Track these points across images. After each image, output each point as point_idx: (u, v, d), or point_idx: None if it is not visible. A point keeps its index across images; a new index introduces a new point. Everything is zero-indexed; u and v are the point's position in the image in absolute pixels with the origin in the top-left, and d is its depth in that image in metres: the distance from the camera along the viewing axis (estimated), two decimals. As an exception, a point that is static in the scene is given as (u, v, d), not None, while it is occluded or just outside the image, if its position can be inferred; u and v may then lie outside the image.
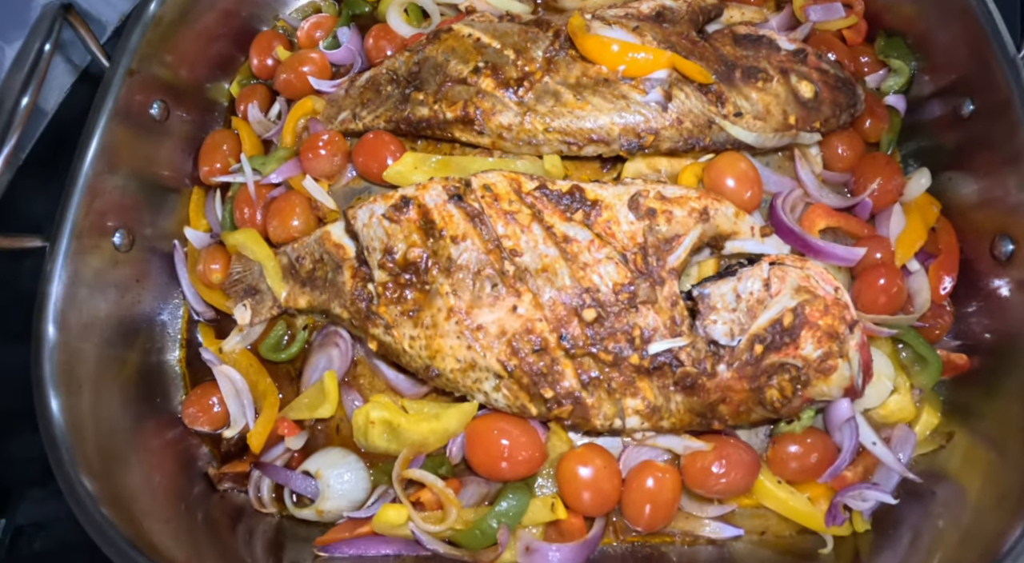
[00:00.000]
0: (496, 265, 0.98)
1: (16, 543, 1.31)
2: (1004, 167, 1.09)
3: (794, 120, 1.12)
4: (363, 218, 1.04)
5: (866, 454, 1.07)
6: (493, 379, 0.99)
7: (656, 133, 1.09)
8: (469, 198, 1.01)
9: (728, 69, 1.11)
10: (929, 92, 1.27)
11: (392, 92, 1.20)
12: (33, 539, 1.32)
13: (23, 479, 1.34)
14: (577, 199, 1.02)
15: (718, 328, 0.97)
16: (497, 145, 1.14)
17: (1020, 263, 1.06)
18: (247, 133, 1.28)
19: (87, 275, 1.07)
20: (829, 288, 0.99)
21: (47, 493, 1.35)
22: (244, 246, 1.15)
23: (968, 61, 1.17)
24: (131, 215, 1.17)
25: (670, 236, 1.00)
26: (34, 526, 1.32)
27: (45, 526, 1.32)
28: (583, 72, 1.11)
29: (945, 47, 1.22)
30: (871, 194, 1.14)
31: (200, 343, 1.20)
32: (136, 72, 1.17)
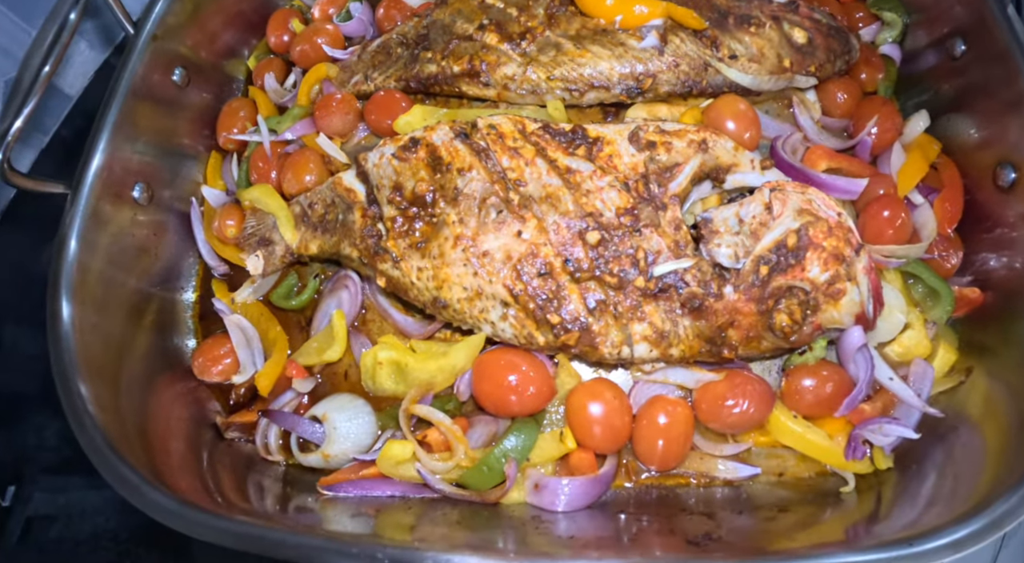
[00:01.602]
0: (501, 193, 1.00)
1: (29, 531, 1.30)
2: (1002, 106, 1.10)
3: (789, 63, 1.15)
4: (373, 159, 1.07)
5: (884, 391, 1.04)
6: (500, 307, 0.99)
7: (654, 77, 1.12)
8: (475, 136, 1.04)
9: (721, 16, 1.16)
10: (923, 43, 1.30)
11: (402, 54, 1.26)
12: (48, 528, 1.31)
13: (38, 467, 1.34)
14: (579, 136, 1.04)
15: (722, 251, 0.97)
16: (502, 97, 1.19)
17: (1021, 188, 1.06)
18: (263, 100, 1.33)
19: (106, 224, 1.11)
20: (832, 212, 0.99)
21: (60, 483, 1.35)
22: (258, 200, 1.18)
23: (959, 9, 1.20)
24: (151, 172, 1.21)
25: (670, 164, 1.01)
26: (48, 516, 1.31)
27: (58, 516, 1.31)
28: (582, 24, 1.16)
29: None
30: (870, 133, 1.16)
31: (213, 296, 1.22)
32: (160, 38, 1.24)
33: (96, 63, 1.64)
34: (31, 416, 1.39)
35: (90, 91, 1.64)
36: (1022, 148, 1.06)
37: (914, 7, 1.31)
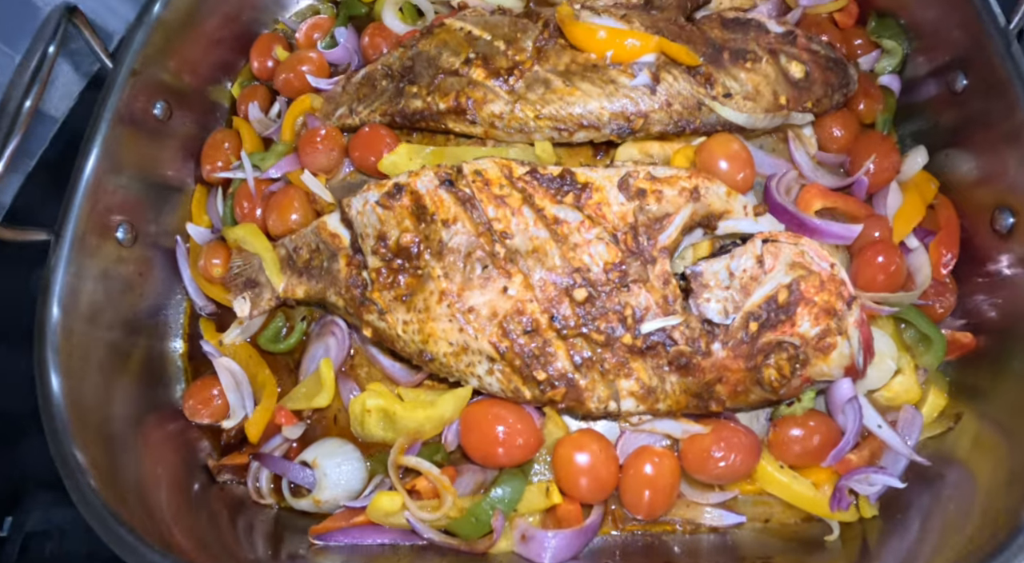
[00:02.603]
0: (487, 247, 0.98)
1: (27, 549, 1.32)
2: (1002, 143, 1.08)
3: (785, 100, 1.11)
4: (357, 206, 1.06)
5: (872, 438, 1.04)
6: (486, 362, 0.98)
7: (646, 116, 1.09)
8: (460, 183, 1.02)
9: (716, 51, 1.12)
10: (923, 72, 1.26)
11: (387, 87, 1.23)
12: (43, 545, 1.33)
13: (33, 484, 1.36)
14: (568, 182, 1.02)
15: (711, 306, 0.96)
16: (490, 134, 1.16)
17: (1022, 236, 1.04)
18: (247, 132, 1.31)
19: (91, 268, 1.10)
20: (824, 264, 0.98)
21: (57, 498, 1.37)
22: (244, 240, 1.17)
23: (960, 38, 1.16)
24: (134, 211, 1.19)
25: (660, 215, 0.99)
26: (43, 533, 1.33)
27: (55, 532, 1.33)
28: (572, 59, 1.12)
29: (937, 25, 1.21)
30: (867, 172, 1.13)
31: (201, 337, 1.22)
32: (139, 72, 1.21)
33: (81, 84, 1.61)
34: (25, 435, 1.40)
35: (76, 112, 1.61)
36: (1022, 192, 1.04)
37: (915, 34, 1.26)
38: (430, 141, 1.24)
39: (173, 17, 1.26)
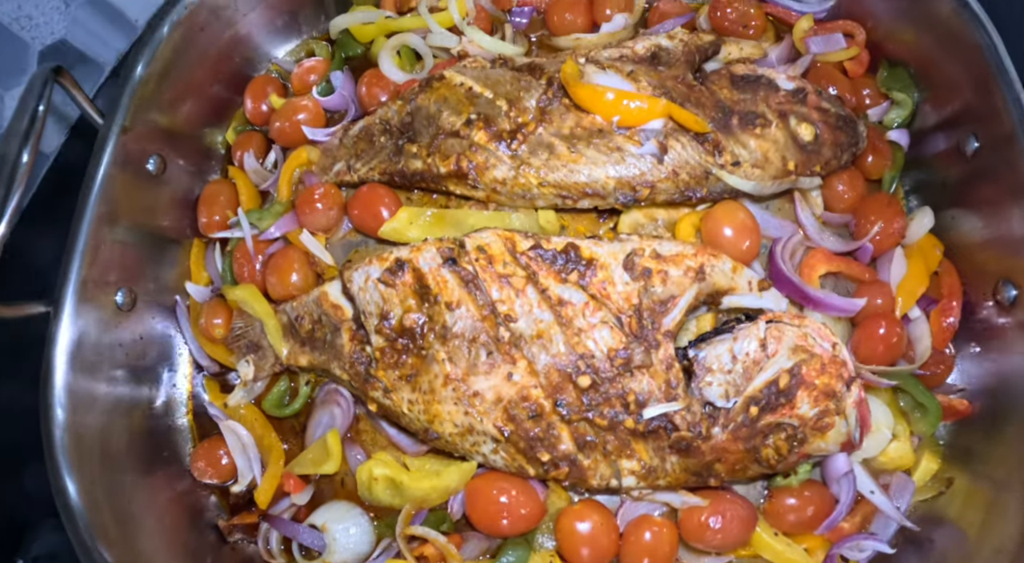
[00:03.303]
0: (491, 332, 0.98)
1: None
2: (1011, 213, 1.07)
3: (793, 165, 1.10)
4: (359, 281, 1.05)
5: (864, 502, 1.08)
6: (491, 442, 1.00)
7: (652, 186, 1.07)
8: (463, 261, 1.01)
9: (725, 115, 1.09)
10: (933, 123, 1.24)
11: (385, 143, 1.19)
12: None
13: (38, 511, 1.38)
14: (572, 258, 1.01)
15: (713, 390, 0.97)
16: (492, 198, 1.14)
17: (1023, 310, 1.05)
18: (244, 184, 1.28)
19: (91, 338, 1.09)
20: (827, 344, 0.98)
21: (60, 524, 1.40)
22: (244, 302, 1.16)
23: (972, 94, 1.14)
24: (132, 273, 1.18)
25: (665, 297, 0.99)
26: (49, 556, 1.36)
27: (60, 557, 1.36)
28: (577, 122, 1.09)
29: (949, 79, 1.18)
30: (872, 239, 1.12)
31: (206, 395, 1.22)
32: (129, 129, 1.17)
33: (71, 119, 1.55)
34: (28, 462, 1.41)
35: (68, 145, 1.56)
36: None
37: (926, 86, 1.23)
38: (430, 200, 1.21)
39: (161, 65, 1.21)
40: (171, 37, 1.21)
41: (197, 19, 1.26)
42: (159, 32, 1.20)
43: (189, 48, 1.26)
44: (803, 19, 1.29)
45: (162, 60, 1.20)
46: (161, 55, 1.20)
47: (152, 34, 1.20)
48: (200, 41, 1.28)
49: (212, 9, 1.27)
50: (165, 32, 1.21)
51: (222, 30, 1.30)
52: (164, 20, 1.21)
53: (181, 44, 1.23)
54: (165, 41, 1.21)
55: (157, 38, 1.20)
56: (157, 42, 1.20)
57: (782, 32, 1.34)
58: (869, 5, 1.27)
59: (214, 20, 1.28)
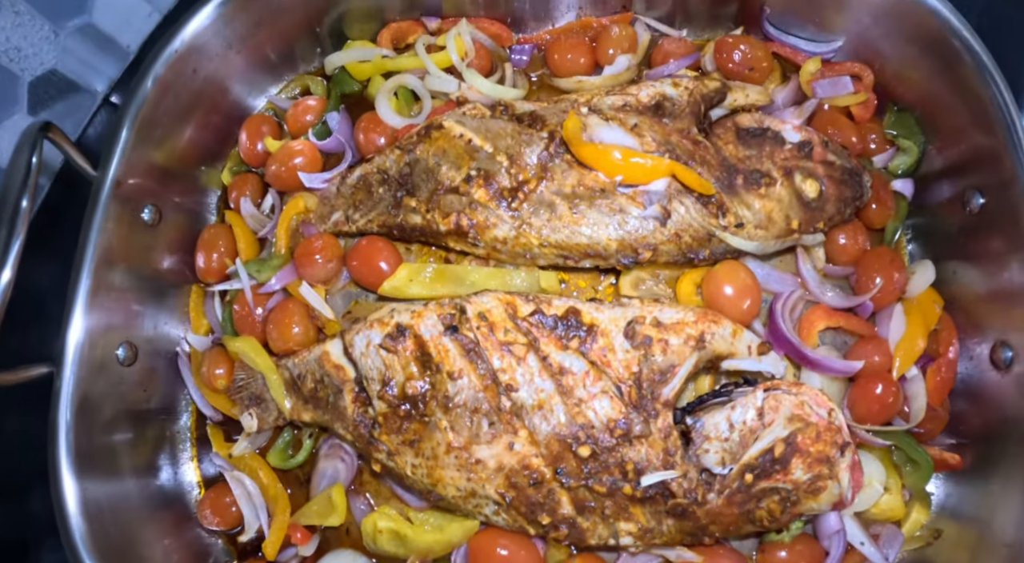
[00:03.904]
0: (492, 402, 0.99)
1: None
2: (1011, 268, 1.07)
3: (797, 224, 1.09)
4: (360, 346, 1.05)
5: (853, 552, 1.11)
6: (493, 505, 1.02)
7: (654, 249, 1.07)
8: (464, 328, 1.01)
9: (730, 174, 1.08)
10: (939, 169, 1.22)
11: (384, 195, 1.18)
12: None
13: (42, 530, 1.41)
14: (573, 324, 1.02)
15: (710, 457, 0.99)
16: (492, 256, 1.13)
17: (1019, 372, 1.06)
18: (241, 230, 1.26)
19: (95, 394, 1.10)
20: (823, 411, 1.00)
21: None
22: (245, 355, 1.17)
23: (980, 148, 1.12)
24: (132, 324, 1.18)
25: (665, 367, 1.00)
26: None
27: None
28: (579, 180, 1.08)
29: (957, 129, 1.17)
30: (873, 297, 1.12)
31: (209, 440, 1.24)
32: (123, 182, 1.15)
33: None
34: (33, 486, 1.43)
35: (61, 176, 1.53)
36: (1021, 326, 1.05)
37: (933, 134, 1.21)
38: (429, 252, 1.20)
39: (152, 115, 1.18)
40: (161, 83, 1.18)
41: (188, 62, 1.23)
42: (147, 80, 1.17)
43: (181, 92, 1.23)
44: (810, 62, 1.26)
45: (152, 107, 1.17)
46: (151, 102, 1.18)
47: (141, 81, 1.18)
48: (192, 83, 1.25)
49: (203, 50, 1.24)
50: (154, 80, 1.18)
51: (214, 70, 1.27)
52: (153, 66, 1.18)
53: (172, 89, 1.21)
54: (155, 88, 1.18)
55: (145, 87, 1.17)
56: (146, 90, 1.17)
57: (789, 72, 1.32)
58: (877, 47, 1.24)
59: (206, 61, 1.25)
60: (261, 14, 1.27)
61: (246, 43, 1.29)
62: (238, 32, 1.26)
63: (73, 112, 1.58)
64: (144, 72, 1.18)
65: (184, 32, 1.21)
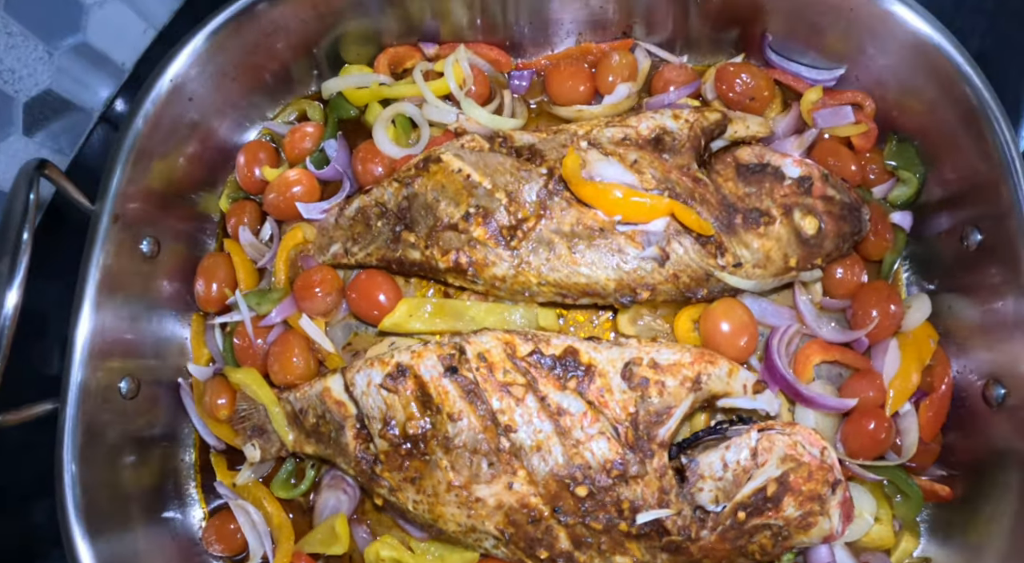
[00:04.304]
0: (492, 443, 1.01)
1: None
2: (1006, 306, 1.08)
3: (795, 262, 1.09)
4: (361, 385, 1.06)
5: (844, 578, 1.14)
6: (492, 540, 1.04)
7: (653, 289, 1.07)
8: (464, 369, 1.02)
9: (729, 214, 1.08)
10: (938, 200, 1.22)
11: (382, 228, 1.18)
12: None
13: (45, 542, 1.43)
14: (571, 365, 1.03)
15: (704, 495, 1.01)
16: (491, 292, 1.14)
17: (1010, 409, 1.07)
18: (241, 260, 1.26)
19: (99, 429, 1.11)
20: (815, 451, 1.02)
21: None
22: (246, 386, 1.18)
23: (978, 181, 1.12)
24: (133, 358, 1.19)
25: (662, 409, 1.01)
26: None
27: None
28: (578, 219, 1.08)
29: (957, 164, 1.17)
30: (869, 333, 1.13)
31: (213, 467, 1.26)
32: (120, 216, 1.15)
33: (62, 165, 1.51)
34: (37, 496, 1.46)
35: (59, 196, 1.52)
36: (1017, 373, 1.06)
37: (933, 165, 1.21)
38: (428, 284, 1.21)
39: (148, 147, 1.18)
40: (154, 114, 1.18)
41: (183, 91, 1.22)
42: (140, 111, 1.17)
43: (176, 121, 1.22)
44: (812, 91, 1.25)
45: (147, 138, 1.17)
46: (145, 134, 1.17)
47: (134, 112, 1.17)
48: (187, 112, 1.24)
49: (198, 78, 1.23)
50: (146, 112, 1.17)
51: (210, 97, 1.26)
52: (146, 96, 1.17)
53: (166, 119, 1.20)
54: (150, 120, 1.17)
55: (138, 119, 1.17)
56: (139, 123, 1.17)
57: (789, 99, 1.31)
58: (879, 75, 1.23)
59: (200, 89, 1.24)
60: (256, 39, 1.25)
61: (241, 68, 1.28)
62: (232, 58, 1.25)
63: (69, 131, 1.57)
64: (138, 102, 1.18)
65: (177, 59, 1.20)
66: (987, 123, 1.09)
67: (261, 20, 1.23)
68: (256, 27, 1.24)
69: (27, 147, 1.48)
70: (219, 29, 1.21)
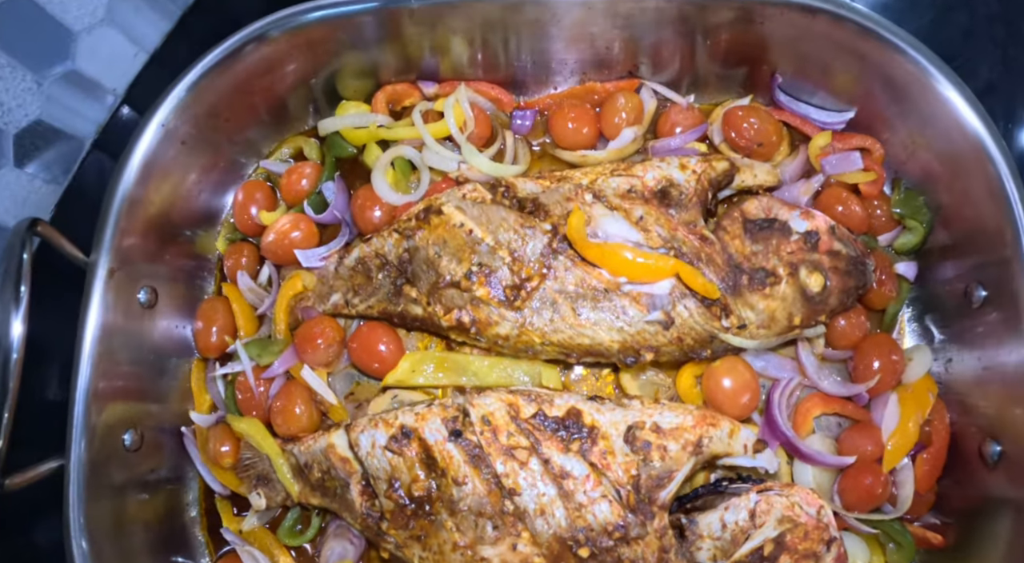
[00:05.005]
0: (496, 505, 1.02)
1: None
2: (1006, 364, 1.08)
3: (799, 320, 1.09)
4: (366, 446, 1.07)
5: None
6: (496, 595, 1.06)
7: (656, 350, 1.07)
8: (468, 432, 1.03)
9: (735, 275, 1.07)
10: (944, 248, 1.21)
11: (383, 281, 1.17)
12: None
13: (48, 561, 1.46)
14: (574, 427, 1.03)
15: (703, 554, 1.03)
16: (494, 349, 1.13)
17: (1005, 467, 1.09)
18: (240, 305, 1.25)
19: (105, 485, 1.12)
20: (812, 511, 1.03)
21: None
22: (250, 436, 1.18)
23: (984, 236, 1.11)
24: (136, 410, 1.18)
25: (663, 473, 1.02)
26: None
27: None
28: (581, 280, 1.07)
29: (965, 216, 1.15)
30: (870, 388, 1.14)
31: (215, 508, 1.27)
32: (116, 269, 1.13)
33: (56, 194, 1.49)
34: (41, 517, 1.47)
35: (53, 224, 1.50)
36: (1013, 430, 1.07)
37: (939, 212, 1.19)
38: (430, 336, 1.21)
39: (142, 194, 1.16)
40: (147, 162, 1.16)
41: (175, 136, 1.19)
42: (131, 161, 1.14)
43: (170, 168, 1.20)
44: (820, 136, 1.23)
45: (141, 187, 1.14)
46: (139, 182, 1.15)
47: (125, 163, 1.14)
48: (181, 157, 1.21)
49: (190, 121, 1.20)
50: (140, 158, 1.15)
51: (203, 139, 1.23)
52: (136, 145, 1.15)
53: (160, 165, 1.18)
54: (142, 168, 1.15)
55: (131, 168, 1.14)
56: (133, 171, 1.14)
57: (796, 140, 1.28)
58: (889, 119, 1.21)
59: (193, 131, 1.21)
60: (249, 78, 1.22)
61: (234, 108, 1.25)
62: (224, 98, 1.22)
63: (62, 159, 1.53)
64: (128, 151, 1.15)
65: (166, 104, 1.17)
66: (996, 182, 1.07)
67: (252, 59, 1.19)
68: (247, 67, 1.20)
69: (19, 179, 1.45)
70: (208, 71, 1.17)
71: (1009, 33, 1.50)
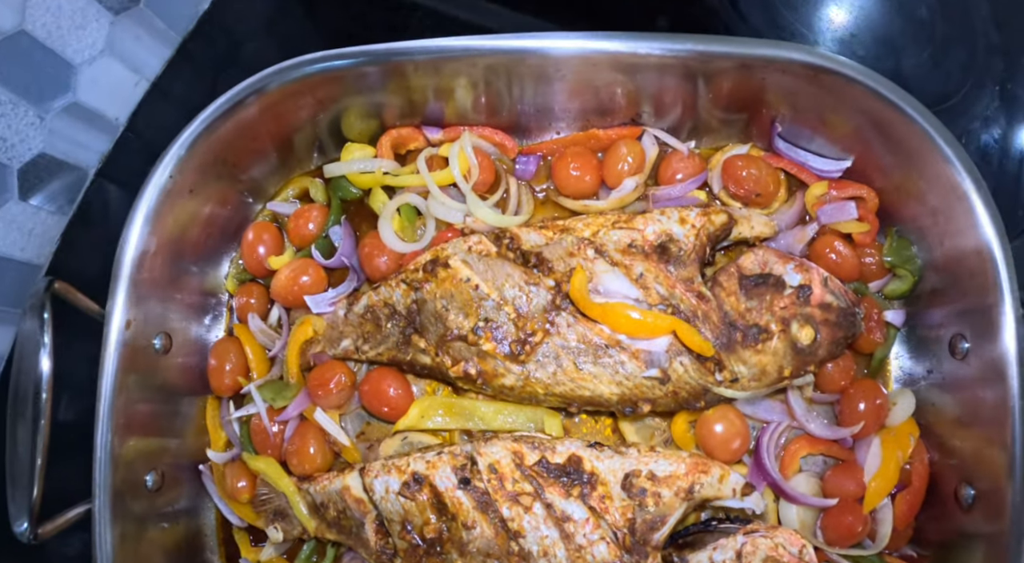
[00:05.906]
0: (502, 547, 1.09)
1: None
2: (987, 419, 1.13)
3: (789, 372, 1.14)
4: (380, 491, 1.13)
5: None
6: (503, 626, 1.15)
7: (653, 402, 1.13)
8: (476, 480, 1.09)
9: (730, 332, 1.12)
10: (932, 293, 1.26)
11: (392, 329, 1.21)
12: None
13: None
14: (574, 473, 1.10)
15: (693, 591, 1.11)
16: (499, 398, 1.19)
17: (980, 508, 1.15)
18: (252, 346, 1.29)
19: (131, 526, 1.17)
20: (795, 550, 1.11)
21: None
22: (266, 474, 1.24)
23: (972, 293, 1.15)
24: (155, 453, 1.23)
25: (657, 517, 1.09)
26: None
27: None
28: (583, 336, 1.11)
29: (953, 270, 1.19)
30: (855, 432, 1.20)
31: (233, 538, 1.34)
32: (132, 322, 1.17)
33: (61, 225, 1.51)
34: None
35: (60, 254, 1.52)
36: (988, 473, 1.13)
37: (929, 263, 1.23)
38: (437, 382, 1.26)
39: (153, 246, 1.18)
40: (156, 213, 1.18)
41: (183, 185, 1.20)
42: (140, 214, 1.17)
43: (178, 217, 1.22)
44: (817, 186, 1.25)
45: (151, 239, 1.17)
46: (150, 234, 1.17)
47: (135, 217, 1.17)
48: (190, 206, 1.23)
49: (196, 170, 1.21)
50: (150, 211, 1.17)
51: (211, 186, 1.25)
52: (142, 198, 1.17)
53: (169, 215, 1.20)
54: (151, 220, 1.17)
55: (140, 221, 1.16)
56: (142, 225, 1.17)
57: (794, 186, 1.31)
58: (883, 168, 1.24)
59: (200, 178, 1.23)
60: (253, 126, 1.23)
61: (240, 154, 1.26)
62: (230, 146, 1.23)
63: (66, 190, 1.55)
64: (137, 205, 1.17)
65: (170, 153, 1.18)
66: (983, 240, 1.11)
67: (255, 109, 1.20)
68: (250, 115, 1.21)
69: (25, 211, 1.47)
70: (212, 123, 1.18)
71: (1007, 65, 1.51)
